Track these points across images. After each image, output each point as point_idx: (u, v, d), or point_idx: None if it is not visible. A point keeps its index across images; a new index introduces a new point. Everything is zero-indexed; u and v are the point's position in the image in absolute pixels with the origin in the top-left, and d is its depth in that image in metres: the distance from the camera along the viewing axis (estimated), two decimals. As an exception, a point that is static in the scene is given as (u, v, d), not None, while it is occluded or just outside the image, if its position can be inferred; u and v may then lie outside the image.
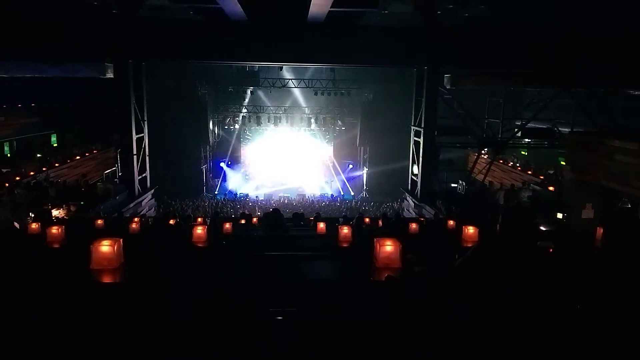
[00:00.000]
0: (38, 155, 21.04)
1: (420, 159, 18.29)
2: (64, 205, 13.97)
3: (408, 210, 19.64)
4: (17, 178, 16.77)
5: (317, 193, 29.77)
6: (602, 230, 2.63)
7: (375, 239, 4.78)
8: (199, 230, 7.15)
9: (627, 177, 10.94)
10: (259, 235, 9.25)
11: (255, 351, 2.81)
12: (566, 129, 18.83)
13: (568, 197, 13.38)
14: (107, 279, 4.40)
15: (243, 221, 12.63)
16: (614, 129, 16.70)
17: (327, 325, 2.92)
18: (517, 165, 23.30)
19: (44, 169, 19.02)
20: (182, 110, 26.10)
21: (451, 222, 10.23)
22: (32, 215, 11.94)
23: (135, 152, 18.11)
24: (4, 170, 17.29)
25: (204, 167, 29.43)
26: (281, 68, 22.49)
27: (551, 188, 16.41)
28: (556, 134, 19.35)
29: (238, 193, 29.01)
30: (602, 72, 17.16)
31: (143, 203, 18.67)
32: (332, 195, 29.44)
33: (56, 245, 6.73)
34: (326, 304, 3.37)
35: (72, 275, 4.42)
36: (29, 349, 2.73)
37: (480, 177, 19.96)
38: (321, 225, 9.46)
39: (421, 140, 18.19)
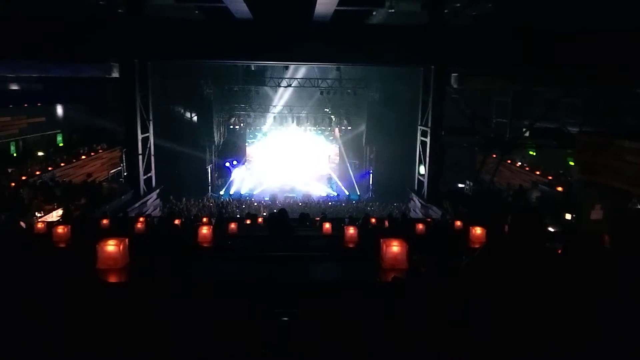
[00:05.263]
0: (42, 153, 21.15)
1: (427, 159, 18.21)
2: (69, 205, 14.01)
3: (415, 211, 19.57)
4: (23, 178, 16.85)
5: (323, 193, 29.74)
6: (609, 236, 2.59)
7: (381, 240, 4.75)
8: (204, 230, 7.14)
9: (637, 177, 10.85)
10: (265, 235, 9.22)
11: (260, 352, 2.80)
12: (575, 129, 18.69)
13: (577, 197, 13.27)
14: (112, 279, 4.43)
15: (248, 221, 12.63)
16: (624, 129, 16.55)
17: (332, 326, 2.89)
18: (525, 165, 23.18)
19: (49, 168, 19.12)
20: (187, 110, 26.15)
21: (458, 223, 10.19)
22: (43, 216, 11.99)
23: (140, 151, 18.14)
24: (10, 170, 17.38)
25: (209, 167, 29.47)
26: (287, 67, 22.48)
27: (560, 189, 16.30)
28: (565, 134, 19.21)
29: (243, 193, 29.04)
30: (611, 71, 17.00)
31: (148, 203, 18.71)
32: (337, 195, 29.39)
33: (62, 245, 6.74)
34: (332, 304, 3.34)
35: (78, 274, 4.42)
36: (34, 349, 2.74)
37: (487, 177, 19.86)
38: (327, 225, 9.44)
39: (428, 140, 18.10)
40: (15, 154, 20.89)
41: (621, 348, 2.15)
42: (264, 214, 19.88)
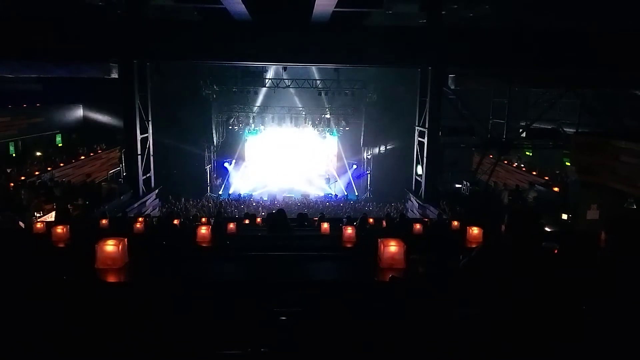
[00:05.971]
0: (39, 154, 21.14)
1: (425, 159, 18.25)
2: (66, 205, 14.01)
3: (412, 211, 19.60)
4: (22, 178, 16.84)
5: (321, 193, 29.76)
6: (605, 234, 2.59)
7: (379, 240, 4.75)
8: (203, 230, 7.15)
9: (633, 178, 10.90)
10: (264, 235, 9.24)
11: (259, 351, 2.80)
12: (571, 130, 18.74)
13: (573, 198, 13.31)
14: (111, 279, 4.40)
15: (247, 221, 12.65)
16: (620, 129, 16.60)
17: (331, 326, 2.91)
18: (522, 165, 23.24)
19: (48, 168, 19.11)
20: (186, 111, 26.14)
21: (455, 223, 10.20)
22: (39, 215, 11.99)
23: (139, 152, 18.15)
24: (9, 170, 17.37)
25: (208, 167, 29.48)
26: (285, 68, 22.49)
27: (556, 189, 16.34)
28: (561, 135, 19.26)
29: (242, 193, 29.04)
30: (608, 72, 17.06)
31: (147, 203, 18.71)
32: (335, 195, 29.41)
33: (61, 245, 6.75)
34: (330, 304, 3.36)
35: (77, 274, 4.43)
36: (33, 348, 2.72)
37: (484, 177, 19.89)
38: (325, 225, 9.46)
39: (425, 140, 18.14)
40: (14, 154, 20.87)
41: (619, 346, 2.16)
42: (263, 214, 19.89)
